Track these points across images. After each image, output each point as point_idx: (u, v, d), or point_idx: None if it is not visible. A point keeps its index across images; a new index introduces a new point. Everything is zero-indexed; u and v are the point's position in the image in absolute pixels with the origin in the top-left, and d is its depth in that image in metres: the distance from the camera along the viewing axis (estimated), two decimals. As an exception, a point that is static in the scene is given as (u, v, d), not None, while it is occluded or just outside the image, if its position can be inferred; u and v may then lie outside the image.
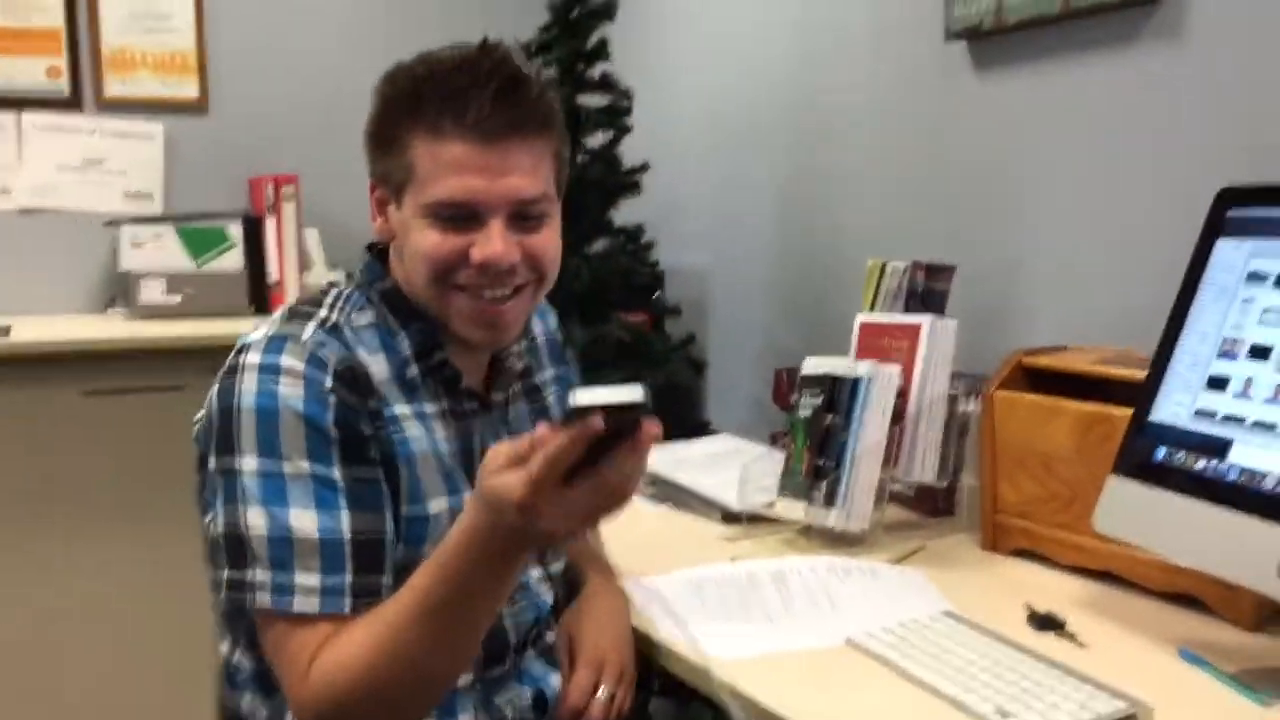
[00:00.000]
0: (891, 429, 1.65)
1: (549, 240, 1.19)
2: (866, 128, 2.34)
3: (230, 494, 1.08)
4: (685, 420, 2.57)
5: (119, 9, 3.02)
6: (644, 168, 2.52)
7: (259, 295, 2.95)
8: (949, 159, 2.15)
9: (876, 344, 1.75)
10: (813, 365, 1.72)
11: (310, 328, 1.14)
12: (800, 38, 2.52)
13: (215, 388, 1.12)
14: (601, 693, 1.25)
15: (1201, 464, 1.24)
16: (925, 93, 2.19)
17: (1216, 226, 1.33)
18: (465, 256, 1.14)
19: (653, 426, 0.90)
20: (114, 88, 3.03)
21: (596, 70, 2.52)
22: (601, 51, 2.51)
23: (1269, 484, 1.16)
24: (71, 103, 2.99)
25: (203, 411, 1.16)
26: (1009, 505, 1.61)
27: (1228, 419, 1.22)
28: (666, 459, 1.96)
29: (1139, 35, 1.76)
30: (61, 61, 2.98)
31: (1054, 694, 1.11)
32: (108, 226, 2.96)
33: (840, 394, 1.66)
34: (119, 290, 2.94)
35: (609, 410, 0.87)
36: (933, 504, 1.81)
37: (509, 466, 0.92)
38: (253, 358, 1.10)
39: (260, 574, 1.05)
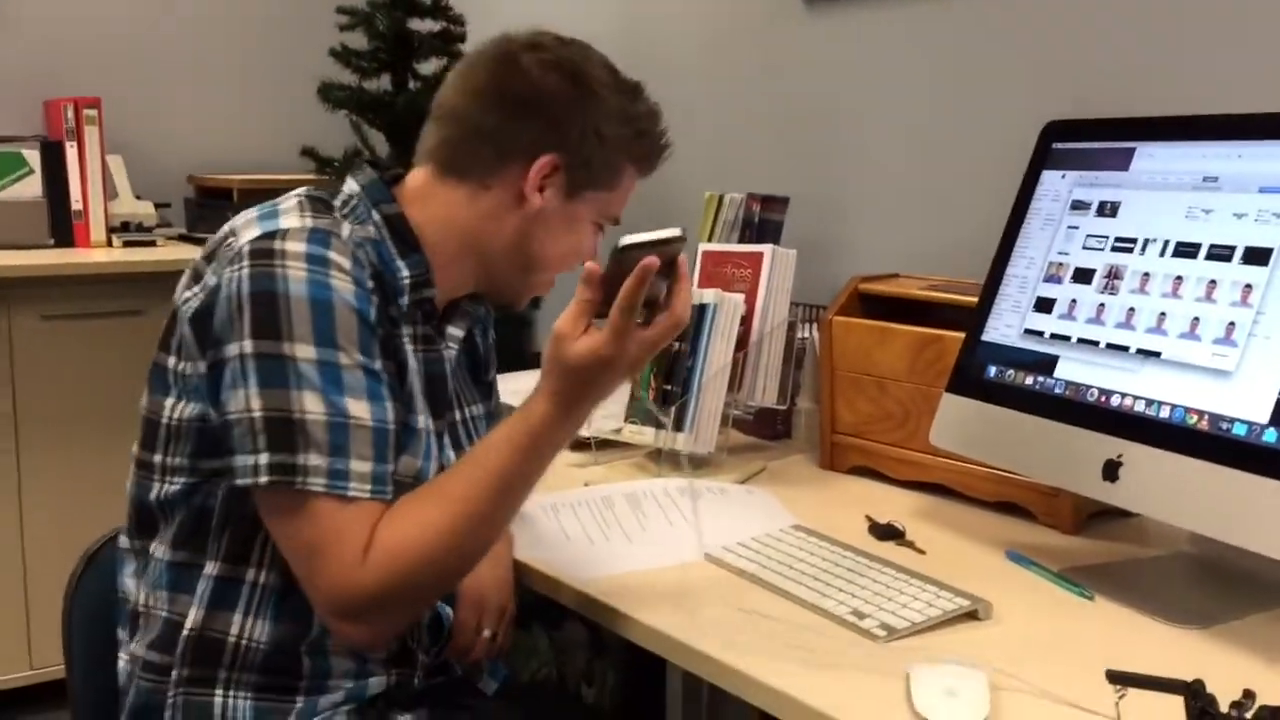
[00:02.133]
0: (735, 355, 1.70)
1: None
2: (702, 62, 2.37)
3: (276, 379, 1.06)
4: (523, 351, 2.57)
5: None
6: (478, 96, 2.49)
7: (61, 226, 2.78)
8: (782, 93, 2.21)
9: (719, 272, 1.79)
10: (658, 293, 1.75)
11: (346, 227, 1.15)
12: (633, -32, 2.52)
13: (242, 270, 1.08)
14: (485, 633, 1.28)
15: (1030, 380, 1.33)
16: (758, 28, 2.23)
17: (1042, 158, 1.42)
18: None
19: (684, 260, 1.10)
20: (-113, -2, 2.78)
21: (428, -5, 2.47)
22: (433, -25, 2.46)
23: (1092, 396, 1.25)
24: None
25: (197, 289, 1.12)
26: (846, 425, 1.69)
27: (1054, 337, 1.32)
28: (508, 389, 1.95)
29: (965, -24, 1.84)
30: None
31: (903, 595, 1.18)
32: (-115, 150, 2.73)
33: (686, 321, 1.69)
34: (-100, 219, 2.72)
35: (654, 246, 1.05)
36: (771, 427, 1.88)
37: (582, 333, 1.07)
38: (295, 245, 1.09)
39: (315, 458, 1.05)
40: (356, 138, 2.52)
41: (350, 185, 1.23)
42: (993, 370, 1.38)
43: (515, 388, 1.97)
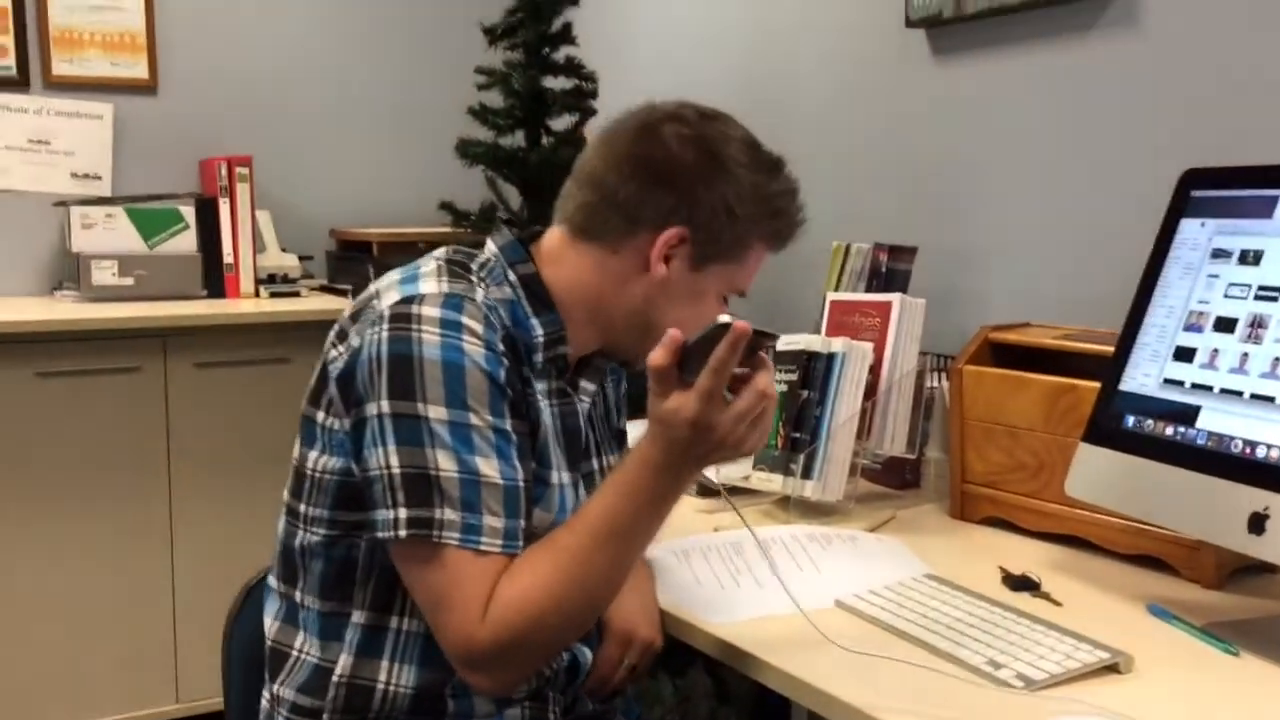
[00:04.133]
0: (863, 403, 1.70)
1: None
2: (827, 112, 2.40)
3: (411, 438, 1.11)
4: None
5: (65, -13, 2.98)
6: (608, 151, 2.56)
7: (214, 277, 2.93)
8: (909, 143, 2.22)
9: (846, 321, 1.81)
10: (786, 342, 1.77)
11: (480, 292, 1.20)
12: (762, 22, 2.57)
13: (382, 333, 1.14)
14: (624, 666, 1.31)
15: (1170, 430, 1.31)
16: (885, 79, 2.25)
17: (1181, 206, 1.40)
18: None
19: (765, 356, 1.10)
20: (61, 67, 2.99)
21: (561, 54, 2.55)
22: (566, 35, 2.54)
23: (1237, 447, 1.23)
24: (18, 82, 2.95)
25: (342, 349, 1.18)
26: (977, 475, 1.68)
27: (1195, 387, 1.30)
28: (637, 435, 1.99)
29: (1096, 24, 1.84)
30: (8, 40, 2.93)
31: (1040, 646, 1.17)
32: (56, 207, 2.92)
33: (815, 370, 1.71)
34: (68, 273, 2.91)
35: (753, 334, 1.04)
36: (900, 476, 1.87)
37: (668, 393, 1.07)
38: (430, 310, 1.14)
39: (450, 513, 1.10)
40: (491, 192, 2.61)
41: (489, 247, 1.28)
42: (1131, 420, 1.36)
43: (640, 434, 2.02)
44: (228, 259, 2.95)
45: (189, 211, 2.93)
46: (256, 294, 2.97)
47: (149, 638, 2.66)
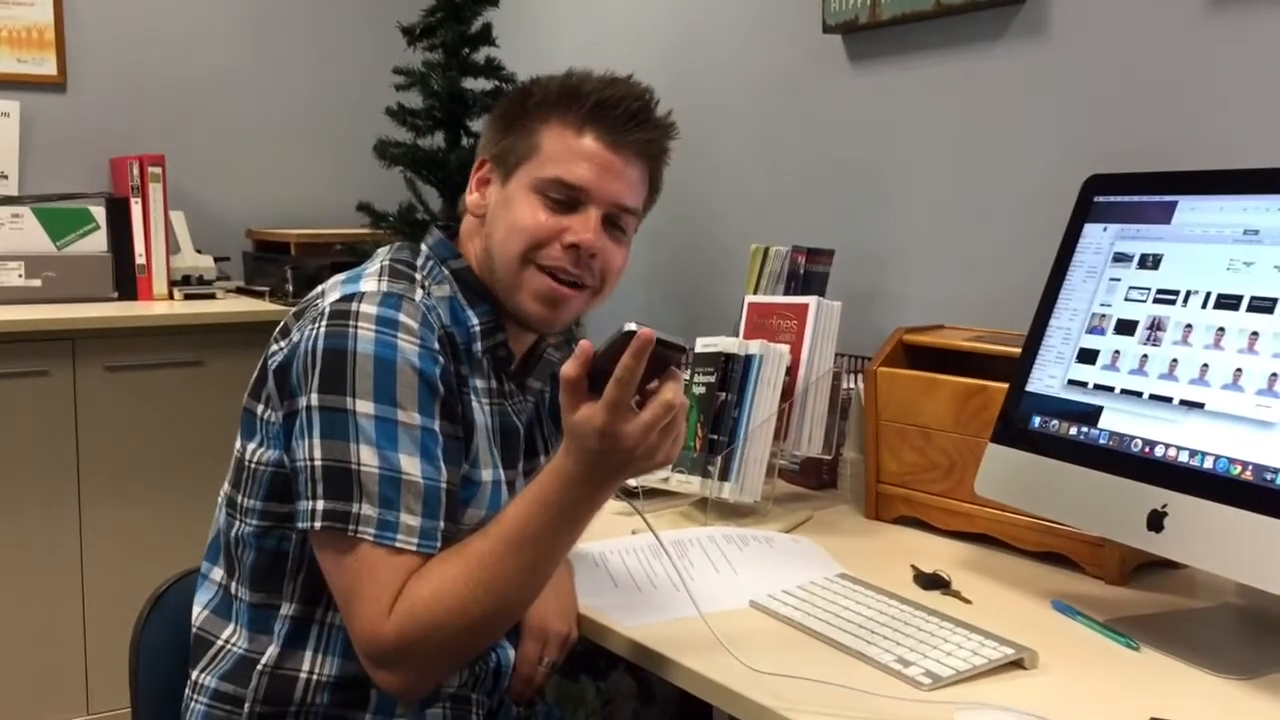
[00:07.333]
0: (781, 405, 1.72)
1: (622, 255, 1.30)
2: (746, 116, 2.42)
3: (336, 430, 1.12)
4: (570, 402, 2.60)
5: (-33, -20, 2.90)
6: (528, 152, 2.55)
7: (125, 279, 2.86)
8: (827, 147, 2.24)
9: (764, 324, 1.82)
10: (705, 344, 1.78)
11: (419, 292, 1.22)
12: (681, 26, 2.58)
13: (319, 328, 1.15)
14: (544, 663, 1.32)
15: (1074, 430, 1.34)
16: (802, 84, 2.28)
17: (1084, 212, 1.44)
18: (557, 237, 1.23)
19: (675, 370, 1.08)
20: (-35, 62, 2.91)
21: (481, 54, 2.54)
22: (486, 36, 2.53)
23: (1136, 446, 1.26)
24: (-81, 78, 2.86)
25: (284, 344, 1.20)
26: (891, 475, 1.70)
27: (1098, 388, 1.33)
28: (558, 438, 1.99)
29: (1006, 32, 1.88)
30: (-92, 33, 2.84)
31: (948, 643, 1.19)
32: (-41, 207, 2.84)
33: (732, 372, 1.72)
34: (-28, 274, 2.82)
35: (660, 344, 1.03)
36: (817, 477, 1.89)
37: (578, 403, 1.06)
38: (368, 308, 1.16)
39: (367, 508, 1.10)
40: (411, 193, 2.59)
41: (423, 249, 1.30)
42: (1037, 421, 1.39)
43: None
44: (140, 260, 2.88)
45: (99, 211, 2.86)
46: (170, 296, 2.90)
47: (58, 646, 2.60)
